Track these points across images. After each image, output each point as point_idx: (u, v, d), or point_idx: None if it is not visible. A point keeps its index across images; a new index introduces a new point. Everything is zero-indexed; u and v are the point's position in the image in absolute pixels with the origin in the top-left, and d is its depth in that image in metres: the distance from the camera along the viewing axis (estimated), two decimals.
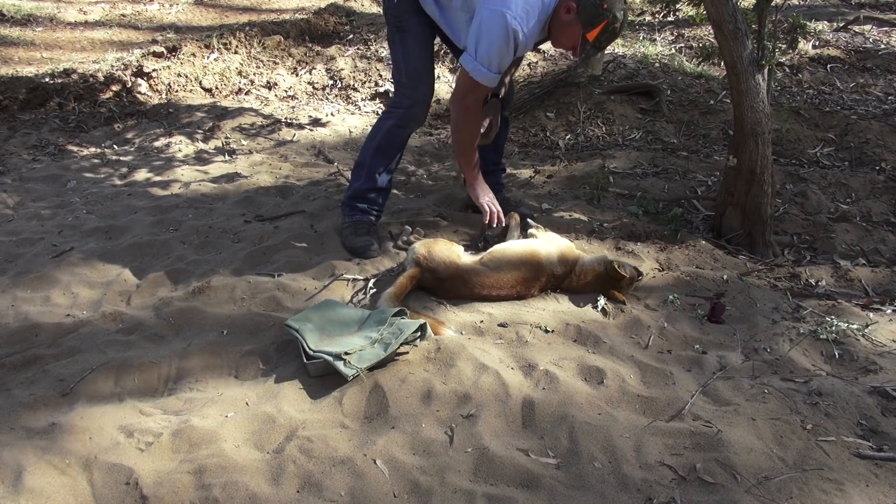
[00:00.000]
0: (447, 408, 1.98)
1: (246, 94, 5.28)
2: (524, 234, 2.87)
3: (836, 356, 2.30)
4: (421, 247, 2.61)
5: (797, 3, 7.13)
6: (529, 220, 2.99)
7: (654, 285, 2.74)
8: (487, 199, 2.85)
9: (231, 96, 5.27)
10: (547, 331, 2.37)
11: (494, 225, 2.83)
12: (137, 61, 5.33)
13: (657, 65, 5.27)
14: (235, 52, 5.60)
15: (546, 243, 2.68)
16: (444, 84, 5.15)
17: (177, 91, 5.19)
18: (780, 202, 3.43)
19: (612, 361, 2.24)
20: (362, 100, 5.17)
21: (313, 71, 5.53)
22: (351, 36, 6.11)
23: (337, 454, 1.81)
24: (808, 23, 5.93)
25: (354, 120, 4.87)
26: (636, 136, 4.42)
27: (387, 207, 3.39)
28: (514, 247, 2.66)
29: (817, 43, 5.80)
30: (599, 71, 2.41)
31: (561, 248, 2.67)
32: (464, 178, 2.99)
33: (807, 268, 2.93)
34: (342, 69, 5.48)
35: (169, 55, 5.45)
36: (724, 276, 2.77)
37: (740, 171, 2.97)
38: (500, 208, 2.85)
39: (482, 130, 2.89)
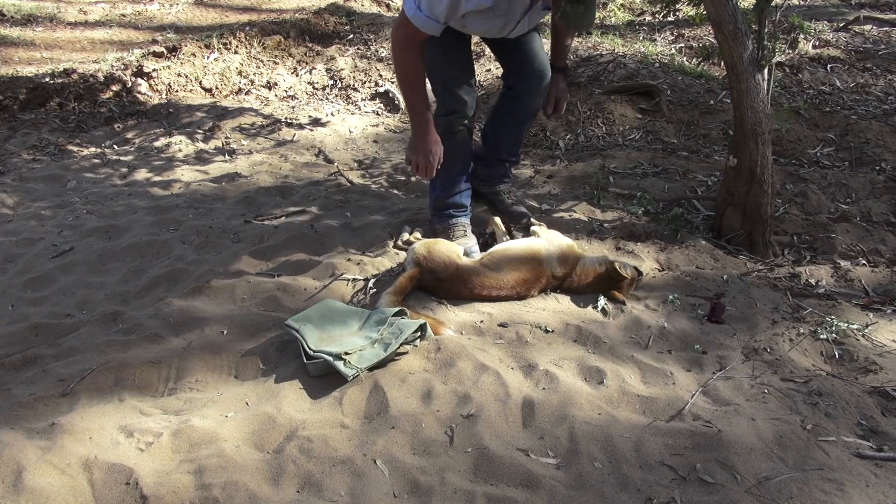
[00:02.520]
0: (447, 408, 1.98)
1: (246, 94, 5.28)
2: (526, 233, 2.86)
3: (836, 356, 2.30)
4: (421, 247, 2.61)
5: (797, 3, 7.12)
6: (532, 220, 2.99)
7: (654, 285, 2.74)
8: (419, 155, 2.59)
9: (231, 96, 5.26)
10: (547, 331, 2.37)
11: (422, 178, 2.61)
12: (137, 61, 5.33)
13: (657, 65, 5.27)
14: (235, 52, 5.60)
15: (547, 243, 2.68)
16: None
17: (177, 91, 5.19)
18: (780, 202, 3.43)
19: (612, 361, 2.24)
20: (362, 100, 5.17)
21: (313, 71, 5.53)
22: (351, 36, 6.11)
23: (337, 454, 1.81)
24: (808, 23, 5.93)
25: (354, 120, 4.86)
26: (636, 136, 4.42)
27: (387, 208, 3.40)
28: (514, 247, 2.66)
29: (817, 43, 5.80)
30: (591, 25, 2.15)
31: (562, 248, 2.66)
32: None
33: (807, 268, 2.93)
34: (342, 69, 5.48)
35: (169, 55, 5.45)
36: (724, 276, 2.77)
37: (740, 171, 2.97)
38: (434, 162, 2.59)
39: (549, 108, 2.86)
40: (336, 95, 5.27)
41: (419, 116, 2.55)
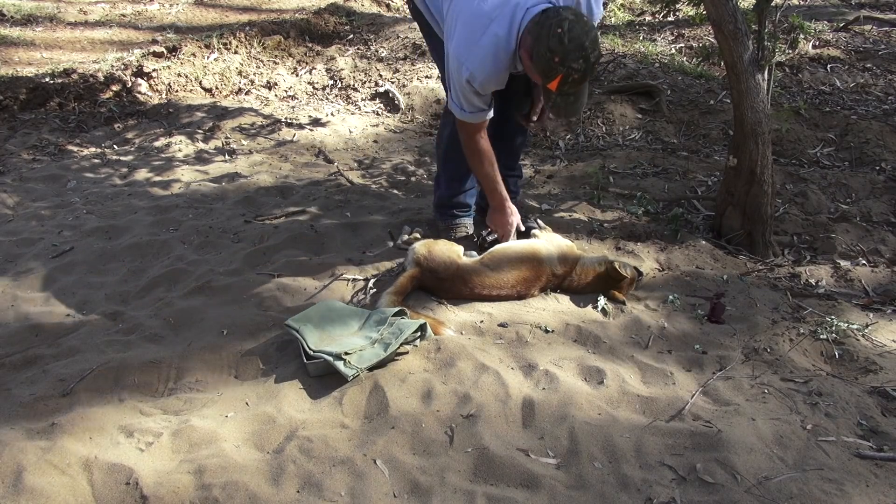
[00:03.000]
0: (447, 408, 1.98)
1: (246, 94, 5.28)
2: (527, 234, 2.86)
3: (836, 356, 2.30)
4: (421, 247, 2.61)
5: (797, 3, 7.12)
6: (535, 224, 2.99)
7: (654, 285, 2.74)
8: (498, 226, 2.76)
9: (231, 96, 5.26)
10: (547, 331, 2.37)
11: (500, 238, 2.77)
12: (137, 61, 5.33)
13: (657, 65, 5.27)
14: (235, 52, 5.60)
15: (547, 243, 2.68)
16: None
17: (177, 91, 5.19)
18: (780, 202, 3.43)
19: (612, 361, 2.24)
20: (362, 100, 5.17)
21: (313, 71, 5.53)
22: (351, 36, 6.11)
23: (337, 454, 1.82)
24: (808, 23, 5.93)
25: (354, 120, 4.86)
26: (636, 136, 4.42)
27: (387, 208, 3.40)
28: (514, 246, 2.66)
29: (817, 43, 5.80)
30: (578, 114, 2.26)
31: (562, 248, 2.66)
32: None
33: (807, 268, 2.93)
34: (342, 69, 5.48)
35: (169, 55, 5.45)
36: (724, 276, 2.77)
37: (740, 171, 2.97)
38: (512, 230, 2.74)
39: (533, 115, 2.81)
40: (336, 95, 5.27)
41: (497, 194, 2.68)
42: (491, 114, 2.51)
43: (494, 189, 2.67)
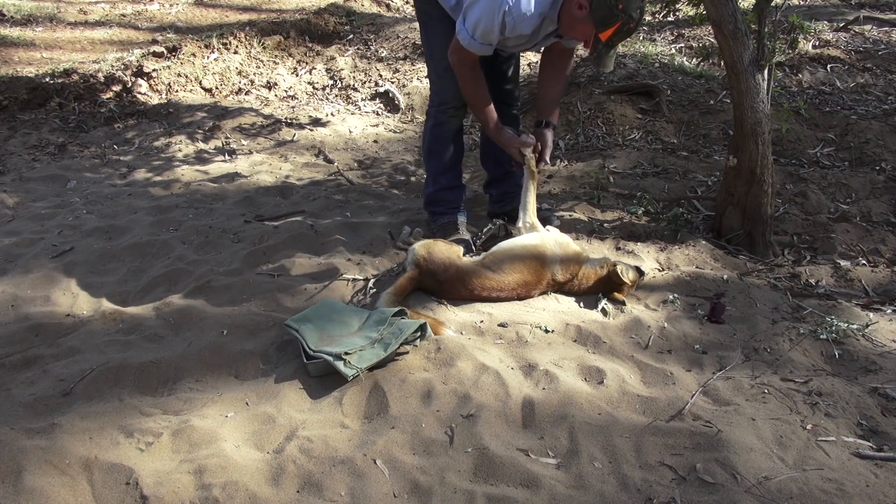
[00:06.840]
0: (447, 408, 1.98)
1: (246, 94, 5.28)
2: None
3: (836, 356, 2.30)
4: (421, 248, 2.61)
5: (797, 3, 7.12)
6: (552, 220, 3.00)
7: (654, 285, 2.74)
8: (516, 145, 2.76)
9: (231, 96, 5.26)
10: (547, 331, 2.37)
11: (533, 155, 2.77)
12: (137, 61, 5.33)
13: (657, 65, 5.26)
14: (235, 52, 5.60)
15: (553, 245, 2.63)
16: None
17: (177, 91, 5.19)
18: (780, 202, 3.43)
19: (612, 361, 2.24)
20: (362, 100, 5.17)
21: (313, 71, 5.53)
22: (351, 36, 6.11)
23: (337, 454, 1.81)
24: (808, 23, 5.92)
25: (354, 120, 4.86)
26: (636, 136, 4.42)
27: (387, 208, 3.40)
28: (517, 248, 2.63)
29: (817, 43, 5.80)
30: (611, 67, 2.37)
31: (568, 253, 2.62)
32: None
33: (807, 268, 2.93)
34: (342, 69, 5.48)
35: (169, 55, 5.45)
36: (724, 276, 2.77)
37: (740, 171, 2.97)
38: (526, 140, 2.75)
39: (544, 162, 2.83)
40: (336, 95, 5.27)
41: (489, 127, 2.74)
42: (490, 52, 2.58)
43: (485, 120, 2.72)
